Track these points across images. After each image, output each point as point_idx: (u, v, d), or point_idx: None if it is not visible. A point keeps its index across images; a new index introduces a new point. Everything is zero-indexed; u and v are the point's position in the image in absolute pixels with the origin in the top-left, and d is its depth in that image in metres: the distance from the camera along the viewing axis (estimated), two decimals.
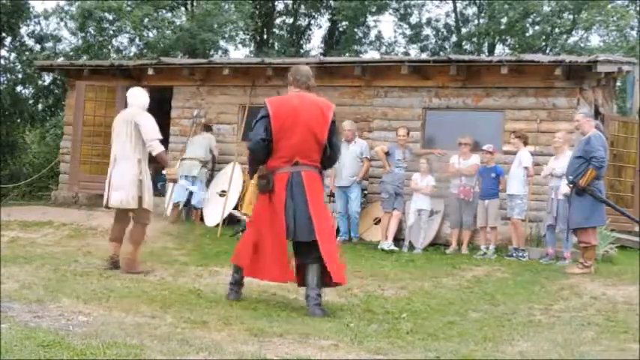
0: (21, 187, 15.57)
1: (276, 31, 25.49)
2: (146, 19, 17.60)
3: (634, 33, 20.72)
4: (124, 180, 6.79)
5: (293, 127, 5.14)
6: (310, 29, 26.21)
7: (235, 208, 10.86)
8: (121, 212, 6.97)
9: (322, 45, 25.84)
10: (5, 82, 18.30)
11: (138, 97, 7.12)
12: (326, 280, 5.15)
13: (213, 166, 11.35)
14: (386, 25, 29.73)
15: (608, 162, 8.22)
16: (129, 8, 17.36)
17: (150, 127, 6.79)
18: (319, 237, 5.04)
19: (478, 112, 10.36)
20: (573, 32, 22.46)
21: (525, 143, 9.26)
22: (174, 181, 7.53)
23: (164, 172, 7.13)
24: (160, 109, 10.75)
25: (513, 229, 9.07)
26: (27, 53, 18.24)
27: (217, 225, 10.40)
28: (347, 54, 23.29)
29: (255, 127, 5.27)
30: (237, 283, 5.57)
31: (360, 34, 25.18)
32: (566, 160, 8.14)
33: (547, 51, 21.56)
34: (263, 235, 5.26)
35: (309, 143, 5.16)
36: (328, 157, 5.29)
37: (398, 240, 9.81)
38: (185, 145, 11.42)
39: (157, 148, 6.83)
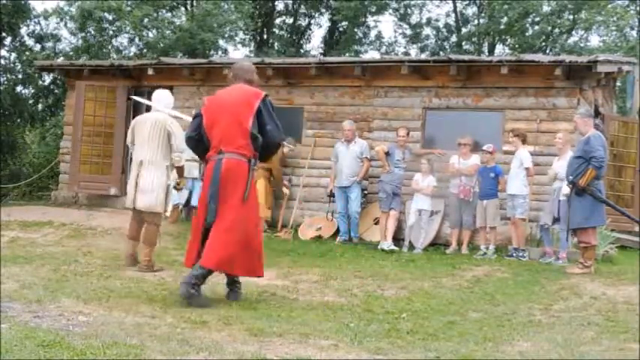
0: (21, 187, 15.58)
1: (276, 31, 25.50)
2: (146, 19, 17.61)
3: (634, 33, 20.72)
4: (154, 185, 6.96)
5: (220, 117, 5.38)
6: (310, 29, 26.24)
7: None
8: (141, 213, 7.10)
9: (322, 45, 25.86)
10: (5, 82, 18.30)
11: (164, 99, 7.33)
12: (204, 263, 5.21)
13: None
14: (386, 25, 29.80)
15: (608, 162, 8.23)
16: (129, 8, 17.35)
17: (180, 138, 6.93)
18: (215, 222, 5.19)
19: (478, 112, 10.36)
20: (573, 32, 22.47)
21: (524, 142, 9.26)
22: (180, 189, 7.59)
23: (175, 179, 7.21)
24: None
25: (514, 228, 9.07)
26: (27, 53, 18.24)
27: None
28: (347, 54, 23.30)
29: (189, 125, 5.72)
30: (230, 283, 5.61)
31: (360, 34, 25.20)
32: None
33: (547, 51, 21.57)
34: (193, 222, 5.55)
35: (233, 130, 5.30)
36: (262, 144, 5.36)
37: (398, 240, 9.82)
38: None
39: (182, 160, 7.11)
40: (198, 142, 5.49)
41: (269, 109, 5.40)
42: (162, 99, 7.34)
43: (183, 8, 21.00)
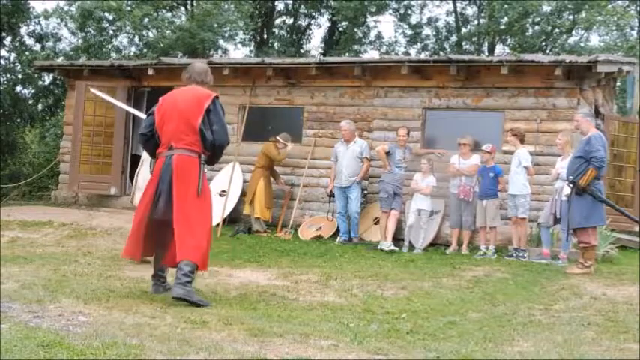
0: (21, 187, 15.57)
1: (276, 31, 25.48)
2: (146, 19, 17.60)
3: (634, 33, 20.71)
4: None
5: (171, 115, 5.50)
6: (310, 29, 26.23)
7: (234, 209, 10.88)
8: None
9: (322, 45, 25.84)
10: (5, 82, 18.30)
11: None
12: (168, 261, 5.40)
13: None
14: (386, 25, 29.78)
15: (608, 162, 8.23)
16: (129, 8, 17.35)
17: None
18: (175, 218, 5.24)
19: (478, 112, 10.37)
20: (573, 32, 22.45)
21: (522, 141, 9.26)
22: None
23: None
24: None
25: (515, 228, 9.07)
26: (27, 53, 18.23)
27: (217, 225, 10.40)
28: (347, 54, 23.29)
29: (142, 122, 5.90)
30: (157, 277, 5.66)
31: (360, 34, 25.18)
32: None
33: (547, 51, 21.55)
34: (137, 214, 5.57)
35: (182, 128, 5.42)
36: (210, 141, 5.42)
37: (398, 240, 9.81)
38: None
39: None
40: (150, 139, 5.61)
41: (218, 111, 5.51)
42: None
43: (183, 8, 20.99)
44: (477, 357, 3.97)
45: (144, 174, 7.24)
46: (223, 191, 10.93)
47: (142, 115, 7.01)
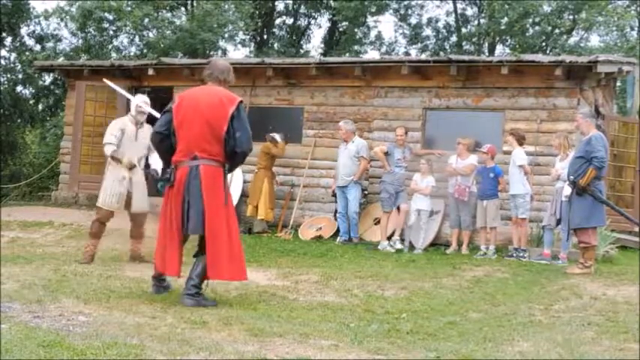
0: (21, 187, 15.58)
1: (276, 31, 25.48)
2: (146, 19, 17.60)
3: (634, 33, 20.71)
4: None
5: (192, 119, 5.17)
6: (310, 29, 26.23)
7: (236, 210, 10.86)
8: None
9: (322, 45, 25.83)
10: (5, 82, 18.31)
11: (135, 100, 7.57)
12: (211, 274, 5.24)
13: None
14: (386, 25, 29.77)
15: (608, 162, 8.23)
16: (129, 8, 17.35)
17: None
18: (207, 232, 5.10)
19: (478, 112, 10.37)
20: (573, 32, 22.45)
21: (520, 142, 9.26)
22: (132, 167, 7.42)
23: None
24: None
25: (516, 228, 9.07)
26: (27, 53, 18.24)
27: None
28: (347, 54, 23.28)
29: (158, 120, 5.47)
30: (157, 278, 5.59)
31: (360, 35, 25.17)
32: None
33: (547, 51, 21.54)
34: (166, 229, 5.28)
35: (206, 136, 5.14)
36: (232, 148, 5.17)
37: (403, 239, 9.78)
38: None
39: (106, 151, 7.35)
40: (166, 138, 5.27)
41: (242, 117, 5.23)
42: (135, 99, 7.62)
43: (183, 8, 20.99)
44: (476, 357, 3.97)
45: (113, 174, 7.21)
46: None
47: (156, 112, 6.89)
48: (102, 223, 7.38)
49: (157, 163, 6.85)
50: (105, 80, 9.44)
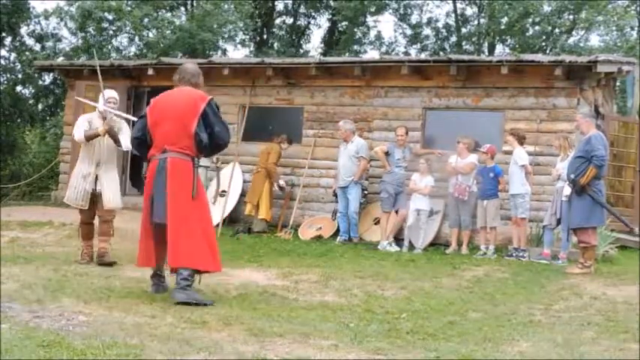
0: (21, 187, 15.56)
1: (276, 31, 25.47)
2: (146, 19, 17.59)
3: (634, 33, 20.71)
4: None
5: (164, 118, 5.45)
6: (310, 29, 26.22)
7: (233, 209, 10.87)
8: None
9: (322, 45, 25.82)
10: (5, 82, 18.30)
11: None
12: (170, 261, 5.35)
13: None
14: (386, 25, 29.76)
15: (608, 162, 8.23)
16: (129, 8, 17.34)
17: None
18: (169, 220, 5.23)
19: (478, 112, 10.37)
20: (573, 32, 22.45)
21: (520, 142, 9.26)
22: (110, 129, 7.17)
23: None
24: None
25: (516, 228, 9.07)
26: (27, 53, 18.23)
27: (217, 225, 10.40)
28: (347, 54, 23.27)
29: (134, 126, 5.85)
30: (156, 277, 5.65)
31: (360, 34, 25.16)
32: None
33: (547, 51, 21.54)
34: (142, 222, 5.56)
35: (178, 131, 5.37)
36: (205, 144, 5.41)
37: (398, 240, 9.81)
38: None
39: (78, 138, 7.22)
40: (143, 142, 5.58)
41: (215, 111, 5.49)
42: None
43: (183, 8, 20.98)
44: (476, 357, 3.97)
45: (80, 170, 7.17)
46: (223, 191, 10.94)
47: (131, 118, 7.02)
48: (86, 224, 7.29)
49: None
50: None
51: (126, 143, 6.96)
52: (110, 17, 17.20)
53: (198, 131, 5.35)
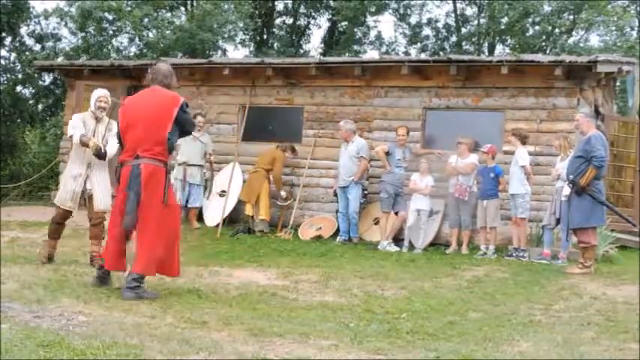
0: (21, 187, 15.56)
1: (276, 31, 25.47)
2: (146, 19, 17.60)
3: (634, 33, 20.71)
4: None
5: (136, 120, 5.43)
6: (310, 29, 26.22)
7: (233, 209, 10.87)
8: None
9: (322, 45, 25.82)
10: (5, 82, 18.31)
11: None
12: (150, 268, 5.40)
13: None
14: (386, 25, 29.76)
15: (608, 162, 8.23)
16: (129, 8, 17.35)
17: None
18: (140, 229, 5.30)
19: (478, 112, 10.36)
20: (573, 32, 22.45)
21: (523, 142, 9.26)
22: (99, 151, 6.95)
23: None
24: None
25: (516, 228, 9.06)
26: (27, 53, 18.24)
27: (217, 225, 10.40)
28: (347, 54, 23.28)
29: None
30: (102, 268, 5.70)
31: (360, 34, 25.16)
32: None
33: (547, 51, 21.54)
34: (111, 223, 5.61)
35: (150, 136, 5.37)
36: (173, 147, 5.50)
37: (398, 240, 9.81)
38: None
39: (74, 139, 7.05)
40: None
41: (185, 111, 5.54)
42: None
43: (183, 8, 20.99)
44: (476, 357, 3.97)
45: (69, 171, 7.10)
46: (223, 191, 10.93)
47: None
48: (57, 223, 7.14)
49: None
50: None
51: (111, 147, 6.80)
52: (110, 17, 17.22)
53: (170, 136, 5.39)
